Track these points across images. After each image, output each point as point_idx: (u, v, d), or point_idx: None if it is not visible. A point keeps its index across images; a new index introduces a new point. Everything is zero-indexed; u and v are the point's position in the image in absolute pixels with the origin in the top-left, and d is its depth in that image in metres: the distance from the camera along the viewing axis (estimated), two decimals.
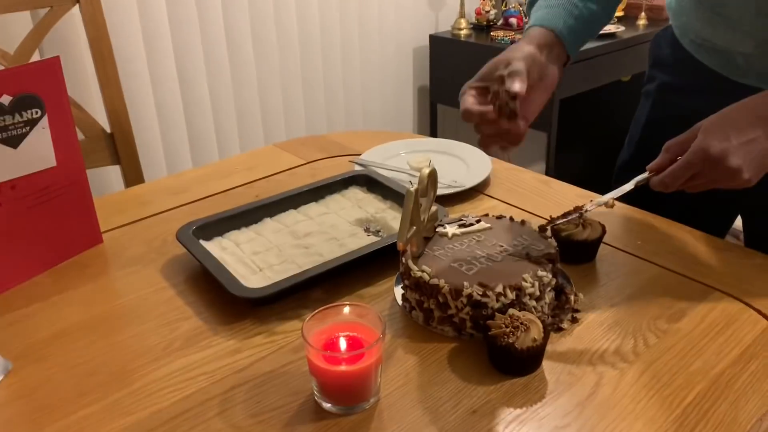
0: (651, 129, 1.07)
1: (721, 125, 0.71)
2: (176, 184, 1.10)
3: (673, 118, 1.01)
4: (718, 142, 0.70)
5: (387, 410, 0.62)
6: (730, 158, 0.69)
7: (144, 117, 1.78)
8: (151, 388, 0.66)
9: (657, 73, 1.06)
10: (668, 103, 1.04)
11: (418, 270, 0.72)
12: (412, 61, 2.44)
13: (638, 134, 1.10)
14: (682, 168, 0.72)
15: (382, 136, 1.26)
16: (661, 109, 1.05)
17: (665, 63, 1.04)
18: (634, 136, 1.11)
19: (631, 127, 1.14)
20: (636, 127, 1.11)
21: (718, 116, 0.73)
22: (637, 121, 1.11)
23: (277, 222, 0.92)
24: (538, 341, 0.65)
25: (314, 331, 0.63)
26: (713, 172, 0.71)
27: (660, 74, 1.05)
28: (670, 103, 1.03)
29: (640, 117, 1.10)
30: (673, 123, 1.00)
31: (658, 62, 1.06)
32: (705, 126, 0.72)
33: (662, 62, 1.05)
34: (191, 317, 0.76)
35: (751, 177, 0.71)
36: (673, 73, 1.03)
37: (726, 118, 0.72)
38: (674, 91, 1.03)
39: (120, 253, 0.90)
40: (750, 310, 0.74)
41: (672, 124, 1.01)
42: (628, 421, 0.60)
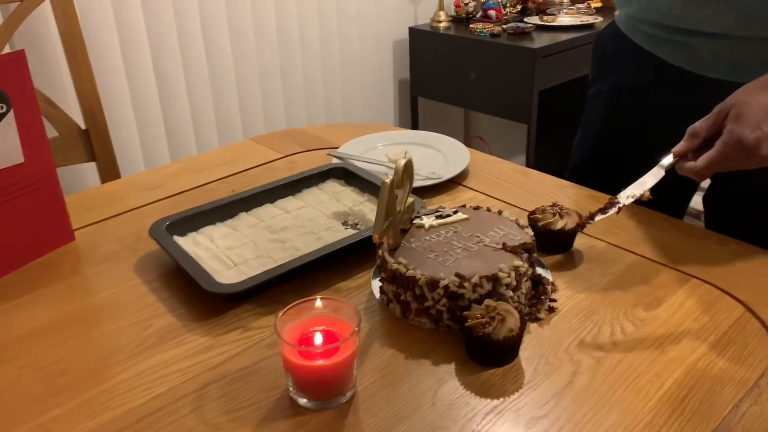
0: (610, 131, 1.03)
1: (750, 111, 0.69)
2: (151, 180, 1.08)
3: (633, 117, 0.98)
4: (751, 131, 0.68)
5: (364, 404, 0.62)
6: (762, 146, 0.69)
7: (120, 112, 1.75)
8: (123, 386, 0.65)
9: (608, 72, 1.02)
10: (626, 103, 1.00)
11: (395, 262, 0.71)
12: (392, 53, 2.43)
13: (593, 138, 1.05)
14: (720, 159, 0.70)
15: (360, 128, 1.25)
16: (619, 109, 1.01)
17: (615, 61, 1.00)
18: (587, 140, 1.06)
19: (581, 131, 1.09)
20: (588, 132, 1.06)
21: (744, 99, 0.70)
22: (588, 125, 1.06)
23: (253, 216, 0.91)
24: (515, 331, 0.64)
25: (288, 326, 0.62)
26: (745, 159, 0.70)
27: (612, 73, 1.01)
28: (628, 103, 0.99)
29: (592, 120, 1.05)
30: (634, 123, 0.98)
31: (608, 62, 1.02)
32: (735, 113, 0.70)
33: (612, 61, 1.01)
34: (165, 314, 0.75)
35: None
36: (628, 72, 0.98)
37: (754, 103, 0.69)
38: (631, 90, 0.98)
39: (92, 251, 0.88)
40: (726, 296, 0.74)
41: (633, 123, 0.99)
42: (605, 410, 0.59)
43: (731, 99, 0.72)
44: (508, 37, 2.16)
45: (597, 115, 1.05)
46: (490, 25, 2.26)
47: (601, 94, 1.03)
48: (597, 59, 1.05)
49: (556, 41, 2.11)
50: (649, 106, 0.96)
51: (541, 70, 2.06)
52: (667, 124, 0.94)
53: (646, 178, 0.77)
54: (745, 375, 0.63)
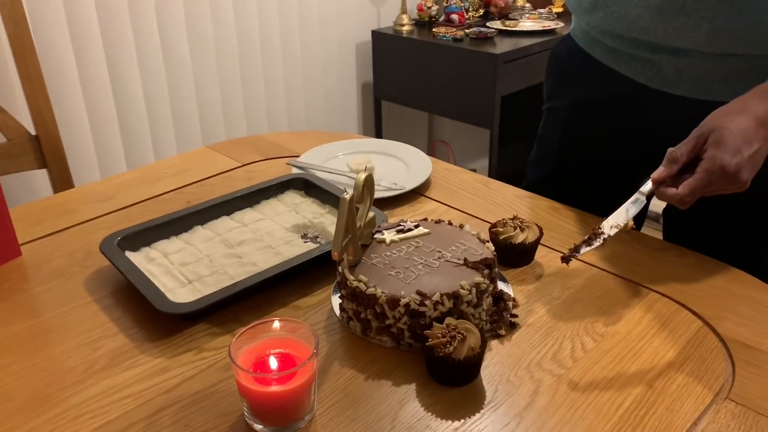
0: (568, 151, 1.01)
1: (731, 136, 0.69)
2: (104, 190, 1.05)
3: (594, 136, 0.97)
4: (732, 157, 0.68)
5: (322, 429, 0.60)
6: (742, 172, 0.69)
7: (73, 118, 1.70)
8: (71, 413, 0.62)
9: (566, 88, 1.00)
10: (586, 120, 0.98)
11: (355, 279, 0.70)
12: (354, 57, 2.41)
13: (552, 156, 1.04)
14: (703, 185, 0.70)
15: (321, 136, 1.24)
16: (579, 127, 0.99)
17: (573, 78, 0.98)
18: (545, 157, 1.05)
19: (537, 147, 1.08)
20: (547, 148, 1.05)
21: (722, 123, 0.70)
22: (545, 142, 1.05)
23: (209, 230, 0.89)
24: (476, 350, 0.63)
25: (243, 349, 0.60)
26: (726, 185, 0.70)
27: (570, 90, 0.99)
28: (589, 121, 0.97)
29: (549, 138, 1.04)
30: (595, 141, 0.97)
31: (565, 78, 1.00)
32: (715, 138, 0.70)
33: (570, 77, 0.99)
34: (116, 334, 0.72)
35: (747, 180, 0.71)
36: (588, 88, 0.96)
37: (734, 128, 0.69)
38: (592, 107, 0.97)
39: (40, 267, 0.85)
40: (684, 310, 0.74)
41: (594, 142, 0.97)
42: (566, 430, 0.59)
43: (710, 123, 0.71)
44: (470, 41, 2.17)
45: (555, 132, 1.03)
46: (453, 29, 2.26)
47: (558, 110, 1.02)
48: (553, 76, 1.03)
49: (519, 46, 2.13)
50: (608, 123, 0.95)
51: (503, 76, 2.06)
52: (628, 140, 0.95)
53: (627, 206, 0.75)
54: (702, 392, 0.63)
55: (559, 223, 0.92)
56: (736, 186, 0.71)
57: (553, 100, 1.03)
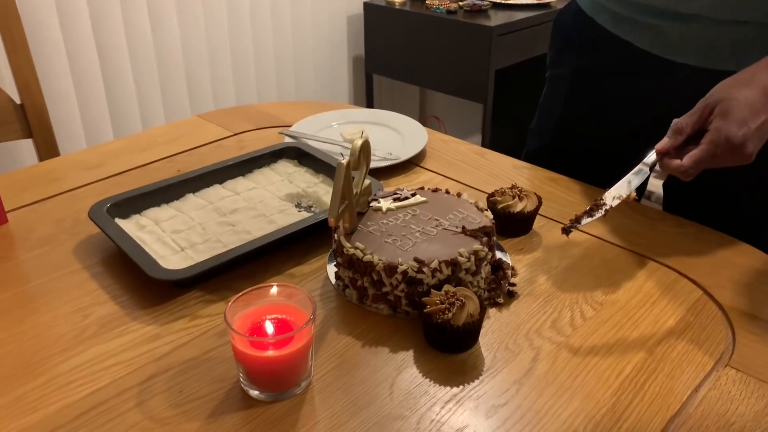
0: (570, 118, 1.00)
1: (737, 107, 0.68)
2: (91, 159, 1.02)
3: (597, 104, 0.96)
4: (738, 129, 0.67)
5: (319, 395, 0.59)
6: (748, 144, 0.68)
7: (59, 86, 1.66)
8: (60, 381, 0.60)
9: (569, 56, 0.98)
10: (589, 88, 0.96)
11: (351, 247, 0.68)
12: (346, 29, 2.37)
13: (552, 124, 1.02)
14: (708, 157, 0.68)
15: (314, 106, 1.21)
16: (581, 95, 0.98)
17: (577, 45, 0.96)
18: (546, 126, 1.03)
19: (539, 116, 1.06)
20: (548, 117, 1.03)
21: (729, 94, 0.68)
22: (547, 111, 1.03)
23: (201, 198, 0.87)
24: (475, 317, 0.62)
25: (239, 314, 0.58)
26: (731, 157, 0.69)
27: (574, 58, 0.97)
28: (592, 89, 0.96)
29: (551, 106, 1.02)
30: (598, 109, 0.96)
31: (569, 45, 0.98)
32: (721, 109, 0.68)
33: (573, 44, 0.97)
34: (106, 302, 0.70)
35: (753, 153, 0.69)
36: (592, 56, 0.94)
37: (741, 98, 0.68)
38: (595, 75, 0.95)
39: (27, 234, 0.82)
40: (684, 279, 0.74)
41: (597, 110, 0.96)
42: (566, 397, 0.58)
43: (716, 94, 0.70)
44: (464, 14, 2.14)
45: (557, 100, 1.02)
46: (446, 1, 2.23)
47: (561, 78, 1.00)
48: (557, 43, 1.01)
49: (513, 20, 2.10)
50: (611, 91, 0.93)
51: (497, 49, 2.04)
52: (630, 109, 0.93)
53: (630, 177, 0.74)
54: (702, 359, 0.63)
55: (558, 193, 0.91)
56: (741, 158, 0.69)
57: (555, 67, 1.02)
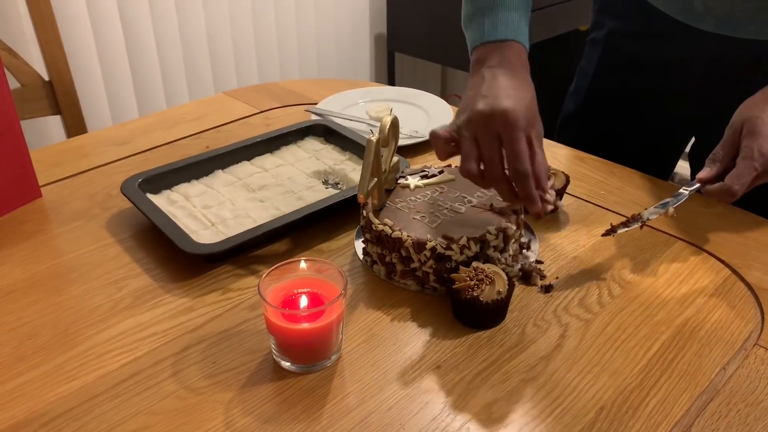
0: (602, 78, 1.03)
1: (763, 125, 0.67)
2: (120, 135, 1.03)
3: (625, 65, 1.00)
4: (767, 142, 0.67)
5: (349, 367, 0.60)
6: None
7: (85, 63, 1.67)
8: (98, 350, 0.62)
9: (605, 19, 1.01)
10: (619, 50, 1.00)
11: (380, 223, 0.69)
12: (368, 7, 2.36)
13: (586, 84, 1.05)
14: (748, 173, 0.67)
15: (339, 84, 1.21)
16: (612, 56, 1.01)
17: (614, 9, 0.99)
18: (581, 87, 1.06)
19: (576, 78, 1.09)
20: (583, 78, 1.06)
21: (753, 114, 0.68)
22: (583, 72, 1.07)
23: (230, 174, 0.88)
24: (503, 294, 0.63)
25: (271, 288, 0.60)
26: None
27: (609, 21, 1.01)
28: (622, 51, 1.00)
29: (587, 67, 1.05)
30: (625, 70, 1.00)
31: (607, 8, 1.01)
32: (748, 129, 0.68)
33: (611, 8, 1.00)
34: (140, 275, 0.72)
35: None
36: (624, 19, 0.98)
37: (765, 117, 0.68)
38: (625, 38, 0.98)
39: (60, 209, 0.84)
40: (712, 258, 0.73)
41: (625, 71, 1.01)
42: (594, 373, 0.59)
43: (740, 116, 0.70)
44: None
45: (591, 62, 1.04)
46: None
47: (597, 41, 1.03)
48: (597, 5, 1.04)
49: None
50: (640, 55, 0.96)
51: None
52: (656, 73, 0.97)
53: (669, 200, 0.73)
54: (731, 338, 0.63)
55: (585, 171, 0.91)
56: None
57: (594, 31, 1.04)
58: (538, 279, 0.70)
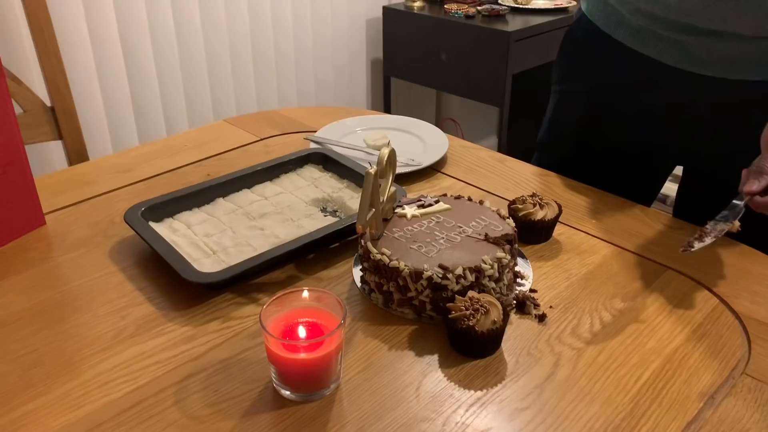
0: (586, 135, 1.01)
1: None
2: (122, 163, 1.05)
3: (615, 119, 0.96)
4: None
5: (347, 396, 0.62)
6: None
7: (86, 90, 1.70)
8: (102, 378, 0.64)
9: (583, 72, 0.98)
10: (606, 104, 0.96)
11: (378, 253, 0.71)
12: (365, 33, 2.40)
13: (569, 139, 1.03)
14: None
15: (337, 112, 1.24)
16: (598, 111, 0.98)
17: (594, 60, 0.96)
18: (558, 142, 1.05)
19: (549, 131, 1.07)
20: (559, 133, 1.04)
21: None
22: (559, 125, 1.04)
23: (231, 202, 0.90)
24: (498, 323, 0.65)
25: (272, 317, 0.61)
26: None
27: (589, 73, 0.97)
28: (609, 104, 0.96)
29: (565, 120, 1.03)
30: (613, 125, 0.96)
31: (582, 60, 0.98)
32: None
33: (587, 59, 0.96)
34: (142, 303, 0.74)
35: None
36: (607, 70, 0.94)
37: None
38: (613, 91, 0.95)
39: (64, 236, 0.86)
40: (701, 288, 0.75)
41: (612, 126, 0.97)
42: (586, 402, 0.60)
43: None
44: (482, 18, 2.15)
45: (570, 115, 1.02)
46: (464, 6, 2.24)
47: (576, 93, 1.00)
48: (569, 58, 1.01)
49: (530, 24, 2.12)
50: (632, 104, 0.94)
51: (514, 54, 2.06)
52: (652, 121, 0.94)
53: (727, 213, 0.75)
54: (719, 366, 0.64)
55: (577, 201, 0.93)
56: None
57: (568, 82, 1.02)
58: (532, 308, 0.72)
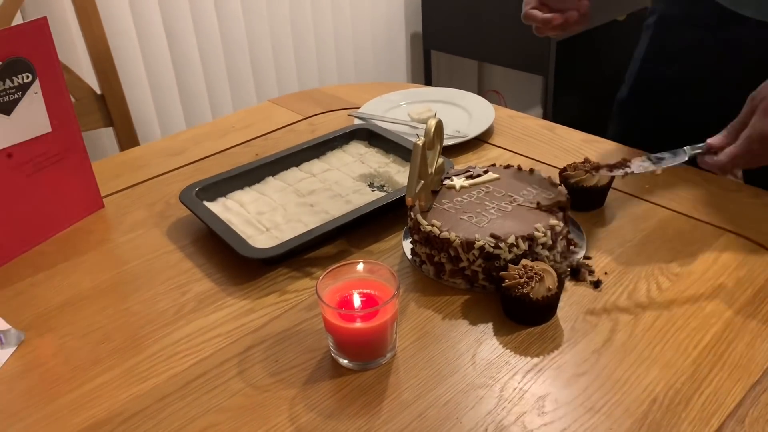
0: (650, 63, 1.05)
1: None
2: (172, 146, 1.08)
3: (671, 51, 1.01)
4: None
5: (404, 365, 0.62)
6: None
7: (133, 76, 1.73)
8: (167, 352, 0.66)
9: (657, 4, 1.04)
10: (666, 36, 1.02)
11: (428, 224, 0.71)
12: (403, 6, 2.37)
13: (636, 69, 1.08)
14: (743, 153, 0.69)
15: (380, 87, 1.24)
16: (659, 42, 1.03)
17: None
18: (632, 72, 1.09)
19: (630, 63, 1.12)
20: (635, 63, 1.09)
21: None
22: (635, 56, 1.09)
23: (280, 180, 0.91)
24: (553, 290, 0.64)
25: (328, 289, 0.62)
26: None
27: (659, 6, 1.03)
28: (669, 36, 1.01)
29: (639, 52, 1.08)
30: (670, 56, 1.02)
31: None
32: (764, 107, 0.69)
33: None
34: (201, 279, 0.76)
35: None
36: (672, 4, 1.00)
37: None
38: (672, 23, 1.00)
39: (122, 218, 0.89)
40: (762, 249, 0.73)
41: (670, 57, 1.02)
42: (645, 365, 0.60)
43: (762, 91, 0.70)
44: None
45: (641, 47, 1.06)
46: None
47: (649, 26, 1.05)
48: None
49: None
50: (687, 40, 0.97)
51: None
52: (699, 58, 0.97)
53: (665, 155, 0.76)
54: None
55: None
56: None
57: (649, 16, 1.07)
58: (586, 275, 0.71)
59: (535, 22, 0.86)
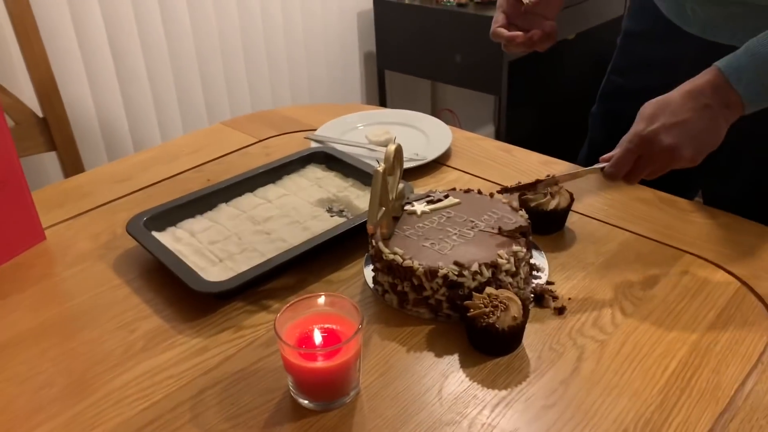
0: (615, 76, 1.10)
1: (653, 109, 0.73)
2: (118, 172, 1.03)
3: (633, 65, 1.06)
4: (647, 125, 0.72)
5: (368, 403, 0.60)
6: (661, 137, 0.71)
7: (77, 98, 1.67)
8: (115, 396, 0.62)
9: (625, 21, 1.09)
10: (629, 50, 1.07)
11: (390, 252, 0.69)
12: (356, 26, 2.37)
13: (604, 83, 1.13)
14: (623, 155, 0.74)
15: (336, 108, 1.22)
16: (623, 56, 1.08)
17: (630, 10, 1.07)
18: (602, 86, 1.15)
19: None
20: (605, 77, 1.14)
21: (655, 101, 0.74)
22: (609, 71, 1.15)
23: (234, 207, 0.88)
24: (518, 319, 0.63)
25: (287, 325, 0.59)
26: (652, 153, 0.73)
27: (626, 21, 1.08)
28: (631, 51, 1.06)
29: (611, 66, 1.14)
30: (633, 70, 1.06)
31: (628, 10, 1.10)
32: (640, 112, 0.74)
33: (629, 10, 1.09)
34: (150, 316, 0.72)
35: (693, 155, 0.72)
36: (634, 20, 1.05)
37: (660, 102, 0.73)
38: (634, 38, 1.05)
39: (65, 251, 0.84)
40: (721, 271, 0.74)
41: (633, 71, 1.06)
42: (614, 395, 0.59)
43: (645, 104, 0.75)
44: (475, 6, 2.13)
45: (610, 62, 1.11)
46: None
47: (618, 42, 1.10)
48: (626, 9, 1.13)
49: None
50: (648, 55, 1.02)
51: None
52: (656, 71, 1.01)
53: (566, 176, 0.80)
54: (747, 351, 0.63)
55: (588, 188, 0.91)
56: (665, 152, 0.72)
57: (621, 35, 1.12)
58: (551, 301, 0.70)
59: (501, 39, 0.90)
